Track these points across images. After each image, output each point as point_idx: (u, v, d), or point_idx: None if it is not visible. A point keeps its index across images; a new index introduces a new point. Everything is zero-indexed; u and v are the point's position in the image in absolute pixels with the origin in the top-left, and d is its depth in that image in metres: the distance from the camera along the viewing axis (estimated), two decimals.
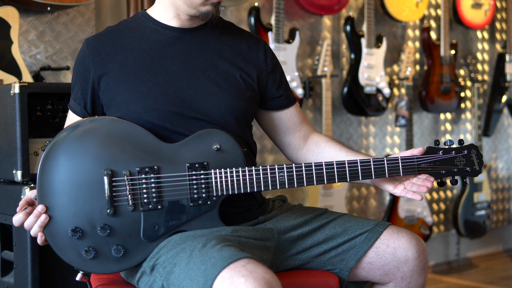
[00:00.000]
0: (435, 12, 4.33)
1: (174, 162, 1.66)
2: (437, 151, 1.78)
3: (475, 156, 1.80)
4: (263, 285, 1.40)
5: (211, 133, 1.70)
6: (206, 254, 1.51)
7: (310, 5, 3.55)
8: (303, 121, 1.98)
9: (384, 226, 1.80)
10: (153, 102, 1.72)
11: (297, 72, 3.44)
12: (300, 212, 1.86)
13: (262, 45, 1.92)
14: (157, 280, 1.61)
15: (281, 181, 1.70)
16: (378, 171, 1.74)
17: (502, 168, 4.82)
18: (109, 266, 1.64)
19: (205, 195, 1.66)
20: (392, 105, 4.08)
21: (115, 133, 1.67)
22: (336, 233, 1.80)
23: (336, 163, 1.72)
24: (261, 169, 1.69)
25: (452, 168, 1.78)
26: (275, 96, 1.91)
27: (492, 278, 4.13)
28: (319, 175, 1.72)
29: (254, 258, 1.49)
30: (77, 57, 1.82)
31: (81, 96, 1.80)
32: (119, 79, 1.75)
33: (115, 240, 1.63)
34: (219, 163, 1.68)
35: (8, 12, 2.66)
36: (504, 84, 4.54)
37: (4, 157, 2.33)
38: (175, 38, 1.81)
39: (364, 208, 4.03)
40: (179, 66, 1.78)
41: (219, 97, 1.77)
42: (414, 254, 1.77)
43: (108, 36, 1.81)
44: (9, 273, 2.40)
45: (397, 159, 1.75)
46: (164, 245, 1.64)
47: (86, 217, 1.62)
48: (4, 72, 2.62)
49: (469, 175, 1.80)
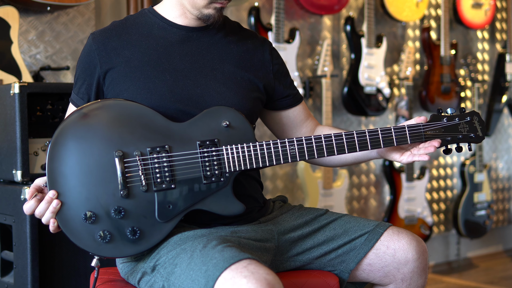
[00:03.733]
0: (435, 12, 4.33)
1: (185, 140, 1.66)
2: (441, 118, 1.80)
3: (477, 122, 1.81)
4: (265, 286, 1.40)
5: (219, 110, 1.70)
6: (207, 255, 1.50)
7: (310, 5, 3.55)
8: (309, 116, 1.99)
9: (385, 227, 1.80)
10: (160, 99, 1.71)
11: (297, 72, 3.44)
12: (300, 213, 1.86)
13: (268, 45, 1.92)
14: (158, 281, 1.61)
15: (292, 154, 1.70)
16: (386, 140, 1.75)
17: (502, 168, 4.82)
18: (125, 249, 1.61)
19: (218, 171, 1.66)
20: (392, 105, 4.08)
21: (123, 115, 1.66)
22: (336, 234, 1.80)
23: (345, 134, 1.73)
24: (271, 143, 1.69)
25: (457, 134, 1.79)
26: (282, 96, 1.92)
27: (492, 278, 4.13)
28: (329, 146, 1.72)
29: (256, 259, 1.48)
30: (83, 51, 1.81)
31: (85, 91, 1.78)
32: (126, 75, 1.74)
33: (130, 222, 1.61)
34: (229, 139, 1.68)
35: (8, 12, 2.66)
36: (504, 84, 4.54)
37: (4, 157, 2.33)
38: (183, 36, 1.80)
39: (364, 208, 4.03)
40: (186, 65, 1.77)
41: (225, 96, 1.77)
42: (414, 256, 1.76)
43: (115, 30, 1.80)
44: (9, 273, 2.40)
45: (403, 127, 1.76)
46: (165, 245, 1.64)
47: (99, 201, 1.60)
48: (4, 72, 2.62)
49: (473, 141, 1.81)
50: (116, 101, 1.69)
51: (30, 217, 2.18)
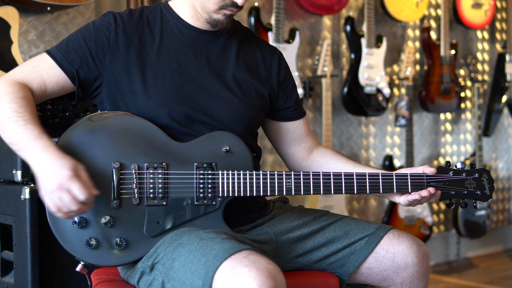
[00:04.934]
0: (435, 12, 4.33)
1: (183, 160, 1.68)
2: (448, 171, 1.76)
3: (486, 180, 1.78)
4: (266, 275, 1.40)
5: (221, 135, 1.72)
6: (206, 247, 1.51)
7: (310, 5, 3.55)
8: (309, 133, 1.98)
9: (385, 230, 1.78)
10: (166, 99, 1.71)
11: (297, 72, 3.44)
12: (300, 214, 1.86)
13: (277, 55, 1.92)
14: (157, 278, 1.61)
15: (288, 187, 1.70)
16: (386, 186, 1.74)
17: (502, 168, 4.82)
18: (109, 259, 1.64)
19: (211, 195, 1.67)
20: (392, 105, 4.08)
21: (127, 128, 1.68)
22: (336, 236, 1.80)
23: (345, 174, 1.72)
24: (268, 174, 1.69)
25: (462, 190, 1.76)
26: (284, 107, 1.92)
27: (492, 278, 4.13)
28: (326, 184, 1.72)
29: (256, 250, 1.49)
30: (97, 22, 1.75)
31: (78, 59, 1.71)
32: (135, 66, 1.72)
33: (118, 232, 1.63)
34: (227, 165, 1.69)
35: (8, 12, 2.66)
36: (504, 84, 4.54)
37: (4, 157, 2.33)
38: (194, 38, 1.80)
39: (364, 208, 4.03)
40: (195, 67, 1.77)
41: (229, 102, 1.77)
42: (414, 260, 1.75)
43: (133, 18, 1.77)
44: (9, 273, 2.40)
45: (406, 175, 1.74)
46: (161, 243, 1.64)
47: (91, 208, 1.61)
48: (4, 72, 2.62)
49: (479, 199, 1.77)
50: (124, 115, 1.70)
51: (30, 217, 2.18)
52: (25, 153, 1.58)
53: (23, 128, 1.58)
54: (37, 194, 2.18)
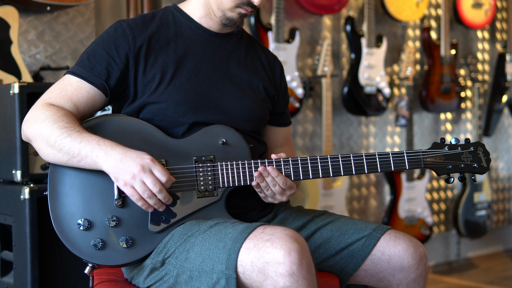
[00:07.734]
0: (436, 11, 4.33)
1: (182, 155, 1.70)
2: (443, 146, 1.77)
3: (482, 153, 1.79)
4: (289, 240, 1.43)
5: (216, 128, 1.75)
6: (220, 233, 1.53)
7: (310, 4, 3.55)
8: (288, 142, 2.04)
9: (382, 231, 1.77)
10: (184, 96, 1.75)
11: (297, 72, 3.44)
12: (298, 214, 1.87)
13: (278, 63, 2.00)
14: (170, 272, 1.62)
15: (287, 173, 1.72)
16: (383, 164, 1.75)
17: (503, 168, 4.82)
18: (117, 258, 1.65)
19: (212, 186, 1.70)
20: (392, 105, 4.08)
21: (124, 129, 1.71)
22: (333, 237, 1.80)
23: (342, 157, 1.75)
24: (266, 162, 1.72)
25: (459, 163, 1.77)
26: (278, 112, 1.98)
27: (493, 278, 4.13)
28: (324, 167, 1.74)
29: (267, 224, 1.52)
30: (111, 31, 1.76)
31: (105, 71, 1.72)
32: (154, 65, 1.75)
33: (123, 231, 1.65)
34: (225, 156, 1.73)
35: (8, 12, 2.65)
36: (505, 84, 4.53)
37: (3, 157, 2.33)
38: (206, 39, 1.84)
39: (364, 208, 4.03)
40: (209, 66, 1.81)
41: (243, 101, 1.82)
42: (410, 262, 1.73)
43: (146, 22, 1.79)
44: (8, 273, 2.40)
45: (402, 152, 1.76)
46: (170, 238, 1.65)
47: (94, 209, 1.64)
48: (3, 72, 2.61)
49: (476, 171, 1.78)
50: (119, 116, 1.74)
51: (30, 217, 2.18)
52: (90, 160, 1.60)
53: (80, 138, 1.61)
54: (37, 194, 2.20)
